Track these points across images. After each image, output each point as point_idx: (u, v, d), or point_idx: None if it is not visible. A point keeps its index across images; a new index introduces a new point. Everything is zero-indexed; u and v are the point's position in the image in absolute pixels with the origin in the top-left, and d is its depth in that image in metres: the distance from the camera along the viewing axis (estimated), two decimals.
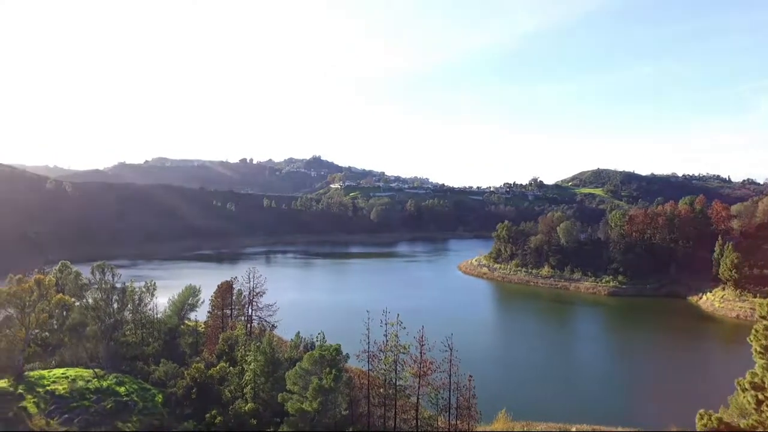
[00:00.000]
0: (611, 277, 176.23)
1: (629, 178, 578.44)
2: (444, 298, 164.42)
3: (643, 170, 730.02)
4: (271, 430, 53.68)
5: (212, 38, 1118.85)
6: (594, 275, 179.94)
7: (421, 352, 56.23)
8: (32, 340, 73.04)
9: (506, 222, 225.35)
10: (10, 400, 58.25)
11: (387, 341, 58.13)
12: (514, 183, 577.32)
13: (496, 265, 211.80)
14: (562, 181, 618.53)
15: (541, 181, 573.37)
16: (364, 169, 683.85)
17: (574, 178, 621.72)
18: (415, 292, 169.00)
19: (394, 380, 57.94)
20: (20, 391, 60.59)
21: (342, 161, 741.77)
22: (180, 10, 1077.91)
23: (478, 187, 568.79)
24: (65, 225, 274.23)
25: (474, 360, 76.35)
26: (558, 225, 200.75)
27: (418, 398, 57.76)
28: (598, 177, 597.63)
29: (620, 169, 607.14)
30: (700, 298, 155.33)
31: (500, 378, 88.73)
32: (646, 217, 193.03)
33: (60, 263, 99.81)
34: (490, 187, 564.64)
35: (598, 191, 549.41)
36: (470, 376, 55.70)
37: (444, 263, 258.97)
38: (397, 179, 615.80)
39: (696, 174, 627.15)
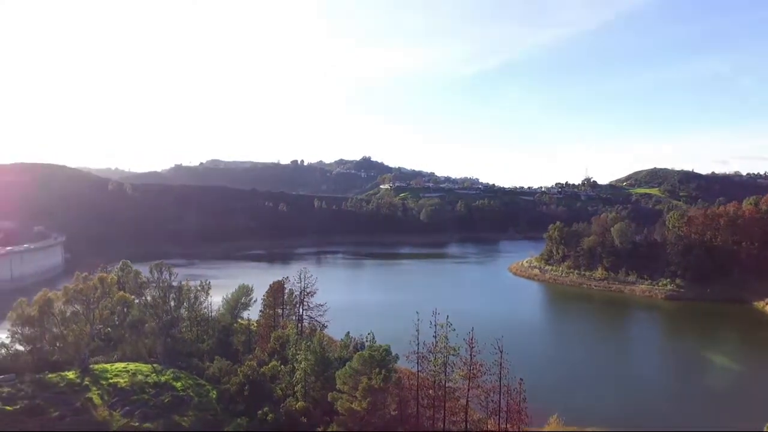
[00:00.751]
0: (669, 280, 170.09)
1: (687, 177, 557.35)
2: (494, 299, 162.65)
3: (703, 169, 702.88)
4: (321, 428, 54.47)
5: (260, 42, 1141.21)
6: (650, 278, 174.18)
7: (470, 354, 55.82)
8: (96, 335, 76.36)
9: (558, 223, 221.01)
10: (78, 392, 61.26)
11: (436, 343, 57.97)
12: (566, 183, 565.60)
13: (548, 267, 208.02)
14: (616, 180, 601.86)
15: (594, 181, 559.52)
16: (413, 170, 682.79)
17: (628, 177, 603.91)
18: (464, 294, 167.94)
19: (443, 382, 57.71)
20: (86, 383, 63.61)
21: (392, 162, 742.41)
22: (230, 15, 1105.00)
23: (529, 188, 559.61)
24: (125, 225, 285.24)
25: (525, 363, 75.08)
26: (612, 226, 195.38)
27: (467, 400, 57.38)
28: (654, 176, 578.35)
29: (678, 168, 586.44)
30: (767, 304, 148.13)
31: (552, 382, 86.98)
32: (707, 217, 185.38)
33: (121, 262, 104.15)
34: (541, 188, 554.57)
35: (654, 191, 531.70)
36: (521, 379, 54.94)
37: (494, 264, 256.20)
38: (447, 179, 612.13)
39: (762, 173, 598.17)
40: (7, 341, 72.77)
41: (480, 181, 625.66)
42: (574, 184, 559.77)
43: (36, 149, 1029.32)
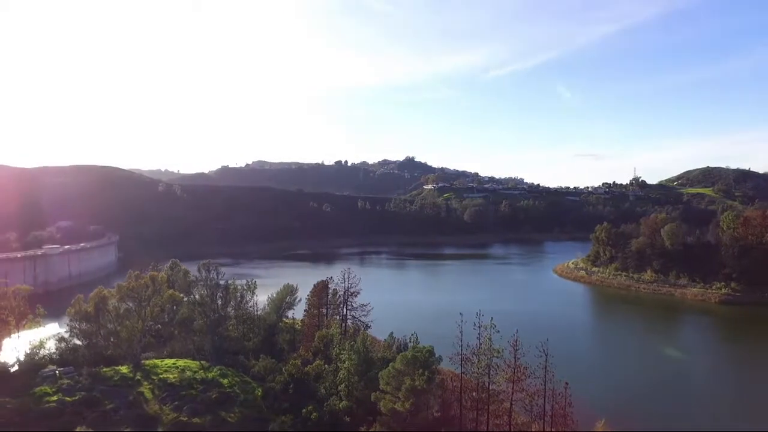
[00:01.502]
0: (723, 283, 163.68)
1: (744, 176, 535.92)
2: (539, 301, 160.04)
3: (760, 168, 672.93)
4: (364, 428, 54.80)
5: (305, 44, 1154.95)
6: (703, 281, 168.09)
7: (515, 357, 55.26)
8: (147, 331, 78.79)
9: (605, 223, 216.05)
10: (131, 386, 63.52)
11: (480, 344, 57.58)
12: (613, 183, 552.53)
13: (594, 269, 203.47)
14: (666, 180, 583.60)
15: (643, 181, 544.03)
16: (457, 170, 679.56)
17: (680, 177, 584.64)
18: (508, 295, 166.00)
19: (486, 384, 57.33)
20: (138, 377, 65.88)
21: (435, 162, 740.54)
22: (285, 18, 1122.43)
23: (574, 188, 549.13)
24: (174, 225, 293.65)
25: (571, 367, 73.73)
26: (662, 227, 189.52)
27: (511, 403, 56.79)
28: (708, 176, 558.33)
29: (733, 167, 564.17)
30: None
31: (600, 387, 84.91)
32: (765, 218, 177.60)
33: (170, 261, 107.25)
34: (588, 188, 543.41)
35: (707, 191, 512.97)
36: (566, 383, 54.02)
37: (539, 266, 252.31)
38: (491, 180, 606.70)
39: None
40: (67, 335, 76.20)
41: (524, 181, 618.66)
42: (621, 184, 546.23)
43: (92, 152, 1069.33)
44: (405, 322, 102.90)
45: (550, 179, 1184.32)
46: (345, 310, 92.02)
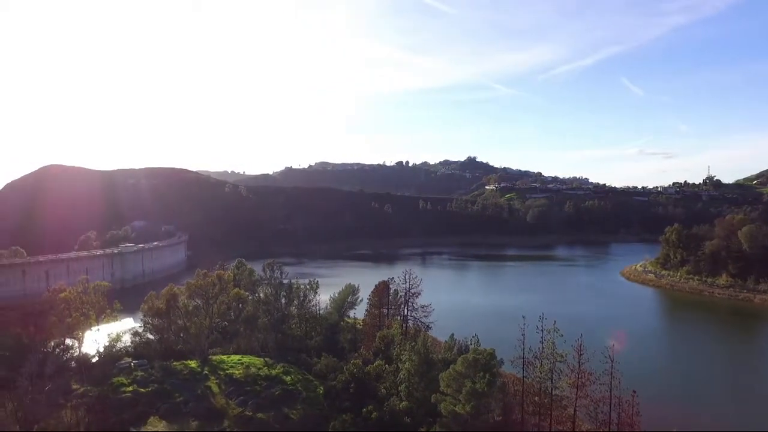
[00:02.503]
0: None
1: None
2: (604, 305, 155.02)
3: None
4: (424, 429, 54.77)
5: (365, 46, 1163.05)
6: None
7: (579, 362, 53.78)
8: (214, 328, 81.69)
9: (676, 225, 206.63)
10: (199, 380, 66.08)
11: (543, 348, 56.40)
12: (684, 182, 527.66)
13: (664, 272, 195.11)
14: (744, 179, 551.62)
15: (717, 180, 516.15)
16: (519, 170, 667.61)
17: (759, 175, 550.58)
18: (572, 298, 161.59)
19: (549, 389, 56.06)
20: (206, 372, 68.42)
21: (497, 162, 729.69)
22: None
23: (643, 188, 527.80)
24: (240, 225, 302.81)
25: (639, 374, 71.19)
26: (739, 228, 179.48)
27: (575, 410, 55.37)
28: None
29: None
30: None
31: (670, 396, 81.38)
32: None
33: (236, 260, 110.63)
34: (657, 187, 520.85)
35: None
36: (633, 391, 52.04)
37: (605, 268, 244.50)
38: (555, 180, 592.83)
39: None
40: (140, 330, 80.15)
41: (589, 181, 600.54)
42: (694, 184, 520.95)
43: (164, 154, 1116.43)
44: (466, 323, 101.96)
45: (616, 179, 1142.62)
46: (406, 310, 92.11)
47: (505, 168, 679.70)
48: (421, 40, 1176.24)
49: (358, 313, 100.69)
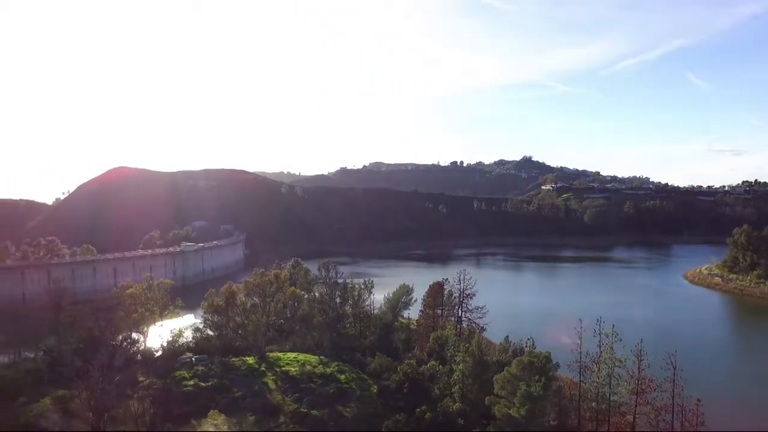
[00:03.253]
0: None
1: None
2: (666, 309, 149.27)
3: None
4: (478, 431, 54.38)
5: (420, 45, 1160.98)
6: None
7: (638, 368, 52.28)
8: (271, 325, 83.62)
9: (745, 226, 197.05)
10: (256, 376, 67.88)
11: (600, 353, 55.13)
12: (755, 181, 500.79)
13: (732, 276, 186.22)
14: None
15: None
16: (576, 169, 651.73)
17: None
18: (632, 301, 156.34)
19: (607, 395, 54.74)
20: (263, 368, 70.16)
21: (553, 162, 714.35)
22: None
23: (708, 187, 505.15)
24: (296, 225, 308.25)
25: (703, 383, 68.48)
26: None
27: (634, 417, 53.80)
28: None
29: None
30: None
31: (738, 407, 77.57)
32: None
33: (292, 260, 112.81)
34: (724, 187, 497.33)
35: None
36: (698, 400, 50.05)
37: (667, 271, 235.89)
38: (614, 179, 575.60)
39: None
40: (201, 326, 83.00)
41: (650, 180, 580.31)
42: (766, 183, 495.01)
43: (222, 156, 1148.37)
44: (521, 325, 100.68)
45: (679, 178, 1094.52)
46: (460, 311, 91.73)
47: (561, 167, 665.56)
48: (476, 39, 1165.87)
49: (412, 313, 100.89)
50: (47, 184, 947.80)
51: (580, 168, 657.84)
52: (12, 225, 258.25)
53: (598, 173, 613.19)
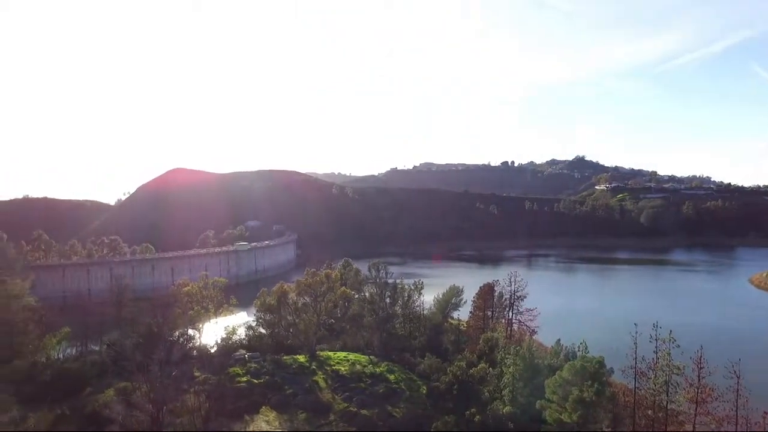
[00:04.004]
0: None
1: None
2: (729, 315, 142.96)
3: None
4: None
5: (474, 45, 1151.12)
6: None
7: (698, 376, 50.24)
8: (322, 324, 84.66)
9: None
10: (307, 374, 68.96)
11: (657, 359, 53.31)
12: None
13: None
14: None
15: None
16: (632, 169, 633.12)
17: None
18: (691, 306, 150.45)
19: (664, 403, 52.91)
20: (313, 367, 71.19)
21: (607, 161, 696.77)
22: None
23: None
24: (347, 225, 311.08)
25: None
26: None
27: (694, 427, 51.77)
28: None
29: None
30: None
31: None
32: None
33: (343, 260, 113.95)
34: None
35: None
36: (765, 412, 47.86)
37: (730, 274, 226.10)
38: (672, 179, 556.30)
39: None
40: (254, 324, 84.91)
41: (711, 179, 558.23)
42: None
43: (274, 157, 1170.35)
44: (573, 329, 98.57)
45: (744, 177, 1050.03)
46: (511, 313, 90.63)
47: (616, 167, 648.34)
48: (531, 37, 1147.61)
49: (462, 314, 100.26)
50: (111, 185, 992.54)
51: (636, 167, 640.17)
52: (79, 224, 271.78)
53: (655, 173, 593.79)
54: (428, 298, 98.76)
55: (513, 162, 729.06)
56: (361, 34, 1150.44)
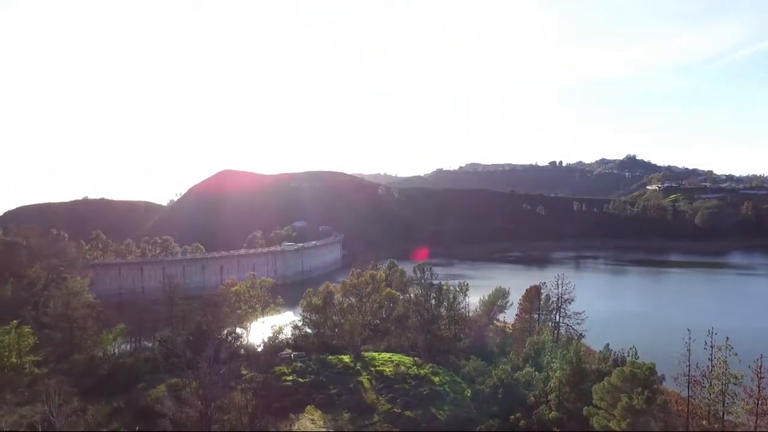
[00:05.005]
0: None
1: None
2: None
3: None
4: None
5: (529, 44, 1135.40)
6: None
7: (758, 386, 48.10)
8: (366, 325, 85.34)
9: None
10: (351, 374, 69.58)
11: (712, 367, 51.47)
12: None
13: None
14: None
15: None
16: (686, 168, 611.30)
17: None
18: (750, 312, 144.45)
19: (720, 413, 51.01)
20: (358, 367, 71.77)
21: (660, 160, 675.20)
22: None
23: None
24: (392, 226, 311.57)
25: None
26: None
27: None
28: None
29: None
30: None
31: None
32: None
33: (388, 261, 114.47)
34: None
35: None
36: None
37: None
38: (729, 178, 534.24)
39: None
40: (299, 324, 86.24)
41: None
42: None
43: (322, 158, 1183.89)
44: (622, 333, 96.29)
45: None
46: (558, 316, 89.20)
47: (669, 166, 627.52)
48: (575, 31, 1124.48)
49: (508, 317, 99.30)
50: (164, 186, 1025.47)
51: (690, 167, 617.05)
52: (133, 224, 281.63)
53: (710, 172, 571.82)
54: (474, 300, 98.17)
55: (561, 162, 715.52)
56: (394, 32, 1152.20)
